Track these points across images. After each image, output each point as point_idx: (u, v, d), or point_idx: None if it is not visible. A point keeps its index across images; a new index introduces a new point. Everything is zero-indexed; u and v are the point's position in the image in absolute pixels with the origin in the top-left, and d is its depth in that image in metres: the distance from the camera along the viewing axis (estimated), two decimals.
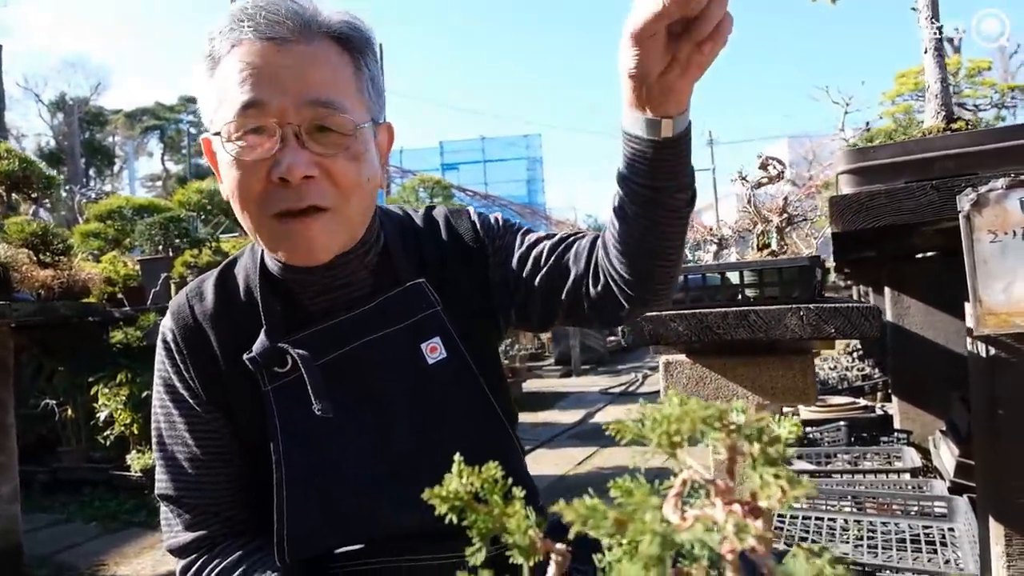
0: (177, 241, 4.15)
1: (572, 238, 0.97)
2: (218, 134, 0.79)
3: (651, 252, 0.83)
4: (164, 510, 0.94)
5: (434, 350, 0.92)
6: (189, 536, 0.91)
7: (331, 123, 0.79)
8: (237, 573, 0.88)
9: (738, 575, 0.30)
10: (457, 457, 0.37)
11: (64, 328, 3.80)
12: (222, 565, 0.89)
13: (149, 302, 4.06)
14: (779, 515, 1.81)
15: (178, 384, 0.91)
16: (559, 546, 0.37)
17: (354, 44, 0.83)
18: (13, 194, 2.52)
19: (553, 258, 0.93)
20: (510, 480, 0.37)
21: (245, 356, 0.87)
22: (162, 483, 0.93)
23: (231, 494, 0.93)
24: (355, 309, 0.90)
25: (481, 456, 0.93)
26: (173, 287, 3.96)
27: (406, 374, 0.91)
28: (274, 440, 0.87)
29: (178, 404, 0.92)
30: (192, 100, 36.11)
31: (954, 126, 1.31)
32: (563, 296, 0.92)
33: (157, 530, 3.43)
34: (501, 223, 1.02)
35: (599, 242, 0.90)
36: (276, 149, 0.77)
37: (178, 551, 0.92)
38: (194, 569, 0.90)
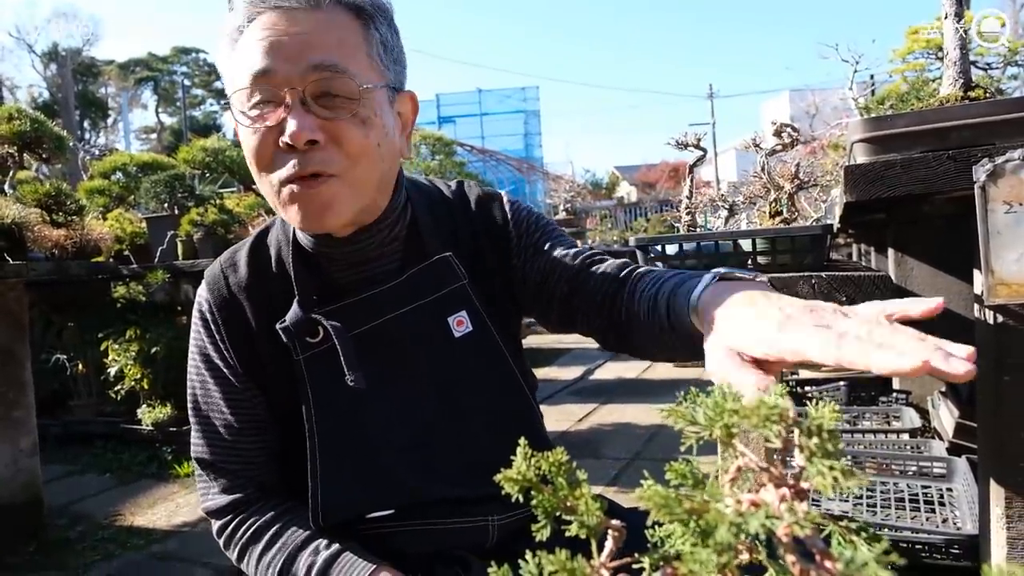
0: (182, 198, 4.15)
1: (601, 266, 0.95)
2: (237, 105, 0.81)
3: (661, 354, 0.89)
4: (200, 473, 0.97)
5: (460, 324, 0.94)
6: (225, 499, 0.95)
7: (335, 87, 0.80)
8: (272, 530, 0.92)
9: (794, 555, 0.32)
10: (522, 441, 0.40)
11: (73, 285, 3.82)
12: (257, 524, 0.93)
13: (156, 260, 4.08)
14: None
15: (214, 354, 0.94)
16: (615, 522, 0.40)
17: (365, 10, 0.83)
18: (25, 154, 2.51)
19: (581, 291, 0.94)
20: (570, 465, 0.40)
21: (278, 325, 0.89)
22: (198, 448, 0.96)
23: (264, 460, 0.97)
24: (384, 282, 0.92)
25: (505, 425, 0.96)
26: (180, 245, 3.97)
27: (433, 347, 0.93)
28: (307, 409, 0.90)
29: (214, 373, 0.94)
30: (185, 51, 35.56)
31: (972, 94, 1.31)
32: (581, 326, 0.97)
33: (169, 482, 3.52)
34: (534, 219, 1.02)
35: (625, 304, 0.89)
36: (283, 115, 0.79)
37: (214, 513, 0.96)
38: (230, 529, 0.95)
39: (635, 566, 0.37)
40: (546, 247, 0.98)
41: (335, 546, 0.88)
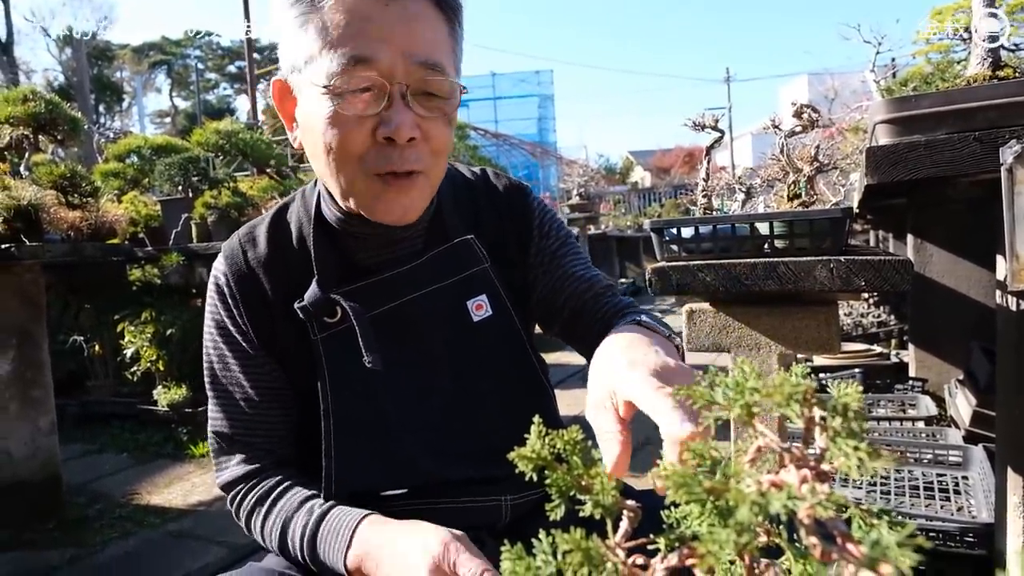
0: (196, 181, 4.16)
1: (605, 299, 0.98)
2: (327, 87, 0.77)
3: None
4: (216, 446, 0.97)
5: (480, 308, 0.94)
6: (241, 469, 0.95)
7: (434, 86, 0.79)
8: (272, 496, 0.92)
9: (815, 537, 0.31)
10: (536, 419, 0.39)
11: (89, 267, 3.86)
12: (261, 491, 0.93)
13: (171, 242, 4.10)
14: None
15: (231, 327, 0.93)
16: (630, 503, 0.39)
17: (450, 4, 0.82)
18: (40, 136, 2.53)
19: (582, 318, 0.97)
20: (586, 444, 0.39)
21: (296, 304, 0.89)
22: (216, 421, 0.96)
23: (283, 434, 0.96)
24: (405, 264, 0.92)
25: (520, 408, 0.96)
26: (194, 227, 3.99)
27: (451, 330, 0.93)
28: (323, 389, 0.89)
29: (231, 346, 0.94)
30: (199, 34, 35.58)
31: (1000, 74, 1.28)
32: (578, 348, 0.99)
33: (185, 462, 3.57)
34: (556, 224, 1.03)
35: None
36: (383, 107, 0.77)
37: (228, 485, 0.96)
38: (239, 498, 0.95)
39: (650, 547, 0.36)
40: (561, 260, 1.00)
41: (328, 503, 0.88)
